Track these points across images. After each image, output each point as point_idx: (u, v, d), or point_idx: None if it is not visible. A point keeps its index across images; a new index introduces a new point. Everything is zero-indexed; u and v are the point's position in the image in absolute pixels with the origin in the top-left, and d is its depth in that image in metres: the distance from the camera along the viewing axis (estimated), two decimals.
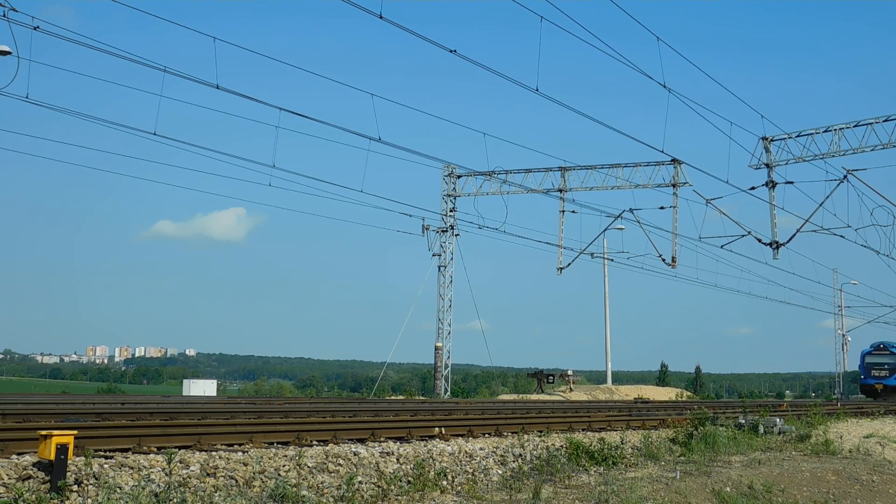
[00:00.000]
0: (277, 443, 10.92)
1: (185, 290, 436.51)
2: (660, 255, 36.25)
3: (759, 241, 33.33)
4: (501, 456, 12.10)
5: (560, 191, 39.46)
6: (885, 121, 29.76)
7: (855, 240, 33.10)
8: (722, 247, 34.30)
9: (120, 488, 7.65)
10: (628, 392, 55.20)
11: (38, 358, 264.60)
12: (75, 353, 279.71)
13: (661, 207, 36.32)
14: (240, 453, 9.50)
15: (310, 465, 9.58)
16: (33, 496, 7.01)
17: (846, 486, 13.60)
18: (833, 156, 30.80)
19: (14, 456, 8.14)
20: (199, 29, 22.79)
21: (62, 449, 7.54)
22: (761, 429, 18.76)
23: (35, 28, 17.14)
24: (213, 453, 9.33)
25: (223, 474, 8.68)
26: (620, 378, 78.14)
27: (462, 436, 13.53)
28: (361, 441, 11.89)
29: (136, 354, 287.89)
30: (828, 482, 13.44)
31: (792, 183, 32.27)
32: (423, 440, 12.47)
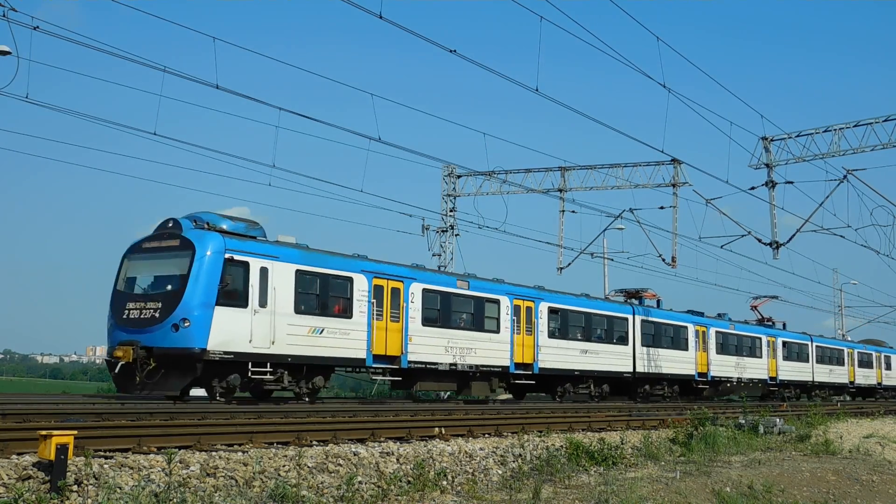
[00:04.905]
0: (277, 443, 10.91)
1: None
2: (660, 255, 36.14)
3: (759, 241, 33.23)
4: (501, 456, 12.10)
5: (560, 191, 39.38)
6: (885, 121, 29.68)
7: (855, 240, 33.07)
8: (722, 247, 34.18)
9: (120, 488, 7.65)
10: None
11: (38, 358, 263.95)
12: (75, 353, 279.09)
13: (661, 207, 36.16)
14: (240, 453, 9.50)
15: (310, 465, 9.58)
16: (33, 496, 7.01)
17: (846, 486, 13.60)
18: (833, 156, 30.73)
19: (14, 456, 8.14)
20: (199, 29, 22.81)
21: (62, 449, 7.54)
22: (761, 429, 18.75)
23: (35, 28, 17.12)
24: (213, 453, 9.33)
25: (223, 474, 8.68)
26: None
27: (462, 436, 13.53)
28: (361, 441, 11.88)
29: None
30: (828, 482, 13.44)
31: (792, 183, 32.20)
32: (423, 440, 12.46)
